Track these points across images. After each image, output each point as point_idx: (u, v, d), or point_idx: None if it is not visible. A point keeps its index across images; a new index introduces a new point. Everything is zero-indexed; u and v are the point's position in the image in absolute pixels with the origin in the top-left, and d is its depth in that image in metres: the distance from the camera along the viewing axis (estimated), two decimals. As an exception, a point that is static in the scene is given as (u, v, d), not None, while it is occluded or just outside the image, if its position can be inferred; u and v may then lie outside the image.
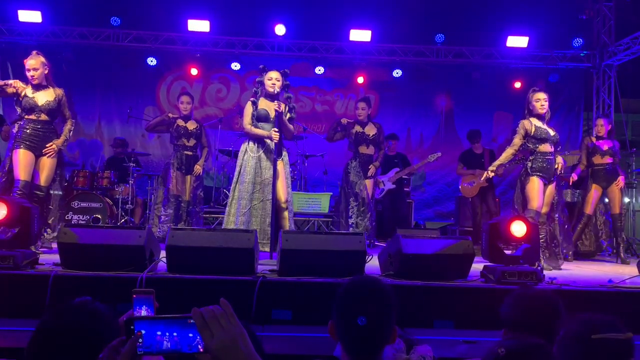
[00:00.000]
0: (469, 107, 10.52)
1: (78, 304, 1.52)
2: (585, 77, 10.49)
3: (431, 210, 10.53)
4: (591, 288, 4.13)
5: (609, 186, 6.62)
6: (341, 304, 1.78)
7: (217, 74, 10.57)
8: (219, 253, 3.94)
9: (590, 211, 6.66)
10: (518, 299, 2.07)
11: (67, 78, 9.91)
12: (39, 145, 5.17)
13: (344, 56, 10.02)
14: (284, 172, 5.43)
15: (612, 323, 1.53)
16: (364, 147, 6.92)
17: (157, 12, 9.58)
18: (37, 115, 5.15)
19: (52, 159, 5.22)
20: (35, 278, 3.79)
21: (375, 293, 1.78)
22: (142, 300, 1.85)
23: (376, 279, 1.93)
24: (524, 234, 4.23)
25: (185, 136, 6.65)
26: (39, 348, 1.41)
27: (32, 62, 5.13)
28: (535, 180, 5.39)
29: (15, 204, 4.13)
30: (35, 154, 5.17)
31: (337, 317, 1.77)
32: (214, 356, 1.22)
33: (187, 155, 6.66)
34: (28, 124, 5.15)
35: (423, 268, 4.06)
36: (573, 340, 1.54)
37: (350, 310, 1.74)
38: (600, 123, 6.74)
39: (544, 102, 5.48)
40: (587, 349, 1.49)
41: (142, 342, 1.30)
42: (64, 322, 1.44)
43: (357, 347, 1.74)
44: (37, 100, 5.14)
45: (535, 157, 5.45)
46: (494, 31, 9.77)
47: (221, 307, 1.26)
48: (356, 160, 6.90)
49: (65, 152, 6.00)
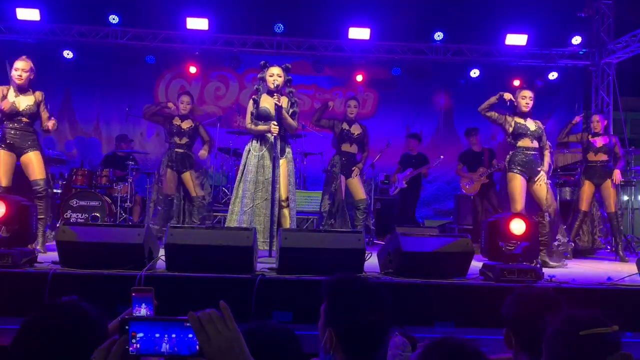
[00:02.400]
0: (468, 105, 10.44)
1: (63, 304, 1.50)
2: (584, 75, 10.49)
3: (430, 208, 10.54)
4: (590, 286, 4.13)
5: (602, 183, 6.62)
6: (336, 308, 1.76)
7: (216, 72, 10.55)
8: (218, 251, 3.93)
9: (585, 207, 6.67)
10: (519, 298, 2.07)
11: (65, 76, 9.95)
12: (19, 145, 5.13)
13: (343, 54, 10.01)
14: (287, 170, 5.41)
15: (597, 317, 1.53)
16: (347, 145, 6.89)
17: (156, 10, 9.56)
18: (19, 118, 5.14)
19: (33, 152, 5.16)
20: (34, 276, 3.79)
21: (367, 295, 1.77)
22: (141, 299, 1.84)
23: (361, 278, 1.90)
24: (523, 231, 4.23)
25: (178, 134, 6.63)
26: (22, 348, 1.39)
27: (22, 64, 5.15)
28: (515, 177, 5.44)
29: (14, 202, 4.12)
30: (15, 153, 5.13)
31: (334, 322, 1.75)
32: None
33: (178, 152, 6.62)
34: (8, 126, 5.13)
35: (422, 266, 4.06)
36: (560, 338, 1.53)
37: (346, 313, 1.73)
38: (596, 119, 6.76)
39: (529, 101, 5.61)
40: (576, 346, 1.49)
41: (140, 344, 1.29)
42: (48, 322, 1.42)
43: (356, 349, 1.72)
44: (18, 105, 5.12)
45: (514, 151, 5.57)
46: (493, 29, 9.76)
47: (218, 311, 1.25)
48: (339, 158, 6.88)
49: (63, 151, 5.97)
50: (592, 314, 1.54)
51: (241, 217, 5.26)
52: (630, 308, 3.80)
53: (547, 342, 1.56)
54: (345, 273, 1.90)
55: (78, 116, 10.31)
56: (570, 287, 4.02)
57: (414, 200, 8.87)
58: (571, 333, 1.49)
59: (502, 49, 9.93)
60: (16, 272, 3.81)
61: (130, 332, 1.30)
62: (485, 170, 7.65)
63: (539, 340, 1.88)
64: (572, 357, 1.49)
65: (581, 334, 1.47)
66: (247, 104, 5.60)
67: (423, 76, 10.30)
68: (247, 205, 5.26)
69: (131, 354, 1.29)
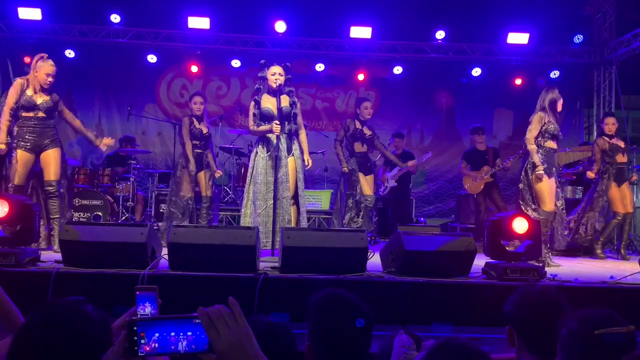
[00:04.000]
0: (470, 103, 10.50)
1: (64, 303, 1.49)
2: (586, 73, 10.48)
3: (432, 207, 10.52)
4: (593, 284, 4.13)
5: (621, 185, 6.57)
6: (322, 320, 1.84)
7: (218, 71, 10.55)
8: (220, 250, 3.94)
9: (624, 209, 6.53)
10: (523, 296, 2.07)
11: (67, 76, 9.92)
12: (39, 143, 5.19)
13: (344, 53, 10.00)
14: (295, 167, 5.40)
15: (612, 317, 1.53)
16: (359, 144, 6.92)
17: (157, 9, 9.58)
18: (35, 112, 5.19)
19: (55, 151, 5.22)
20: (37, 275, 3.80)
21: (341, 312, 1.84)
22: (146, 297, 1.84)
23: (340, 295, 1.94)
24: (525, 230, 4.23)
25: (198, 138, 6.51)
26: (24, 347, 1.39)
27: (54, 69, 5.24)
28: (546, 179, 5.42)
29: (17, 202, 4.12)
30: (35, 152, 5.19)
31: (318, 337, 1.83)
32: (220, 356, 1.21)
33: (197, 153, 6.51)
34: (25, 121, 5.18)
35: (425, 265, 4.06)
36: (576, 338, 1.53)
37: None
38: (612, 122, 6.68)
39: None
40: (592, 346, 1.49)
41: (157, 343, 1.28)
42: (49, 321, 1.41)
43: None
44: (36, 99, 5.20)
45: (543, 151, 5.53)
46: (494, 28, 9.75)
47: (228, 307, 1.25)
48: (354, 159, 6.90)
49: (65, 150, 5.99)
50: (608, 313, 1.54)
51: (255, 219, 5.23)
52: (633, 307, 3.80)
53: (562, 342, 1.56)
54: (330, 290, 1.96)
55: (80, 115, 10.19)
56: (573, 286, 4.02)
57: (407, 198, 8.76)
58: (587, 333, 1.49)
59: (504, 48, 9.92)
60: (20, 271, 3.82)
61: (139, 332, 1.29)
62: (490, 169, 7.63)
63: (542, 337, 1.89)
64: (587, 357, 1.49)
65: (596, 334, 1.47)
66: (249, 104, 5.59)
67: (424, 75, 10.29)
68: (260, 207, 5.24)
69: (141, 354, 1.28)
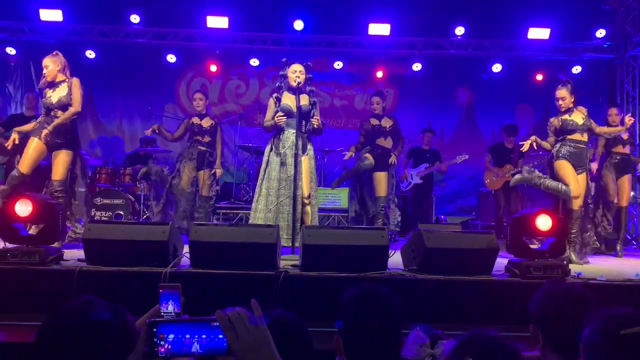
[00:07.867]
0: (490, 100, 10.39)
1: (84, 302, 1.49)
2: (609, 68, 10.28)
3: (453, 204, 10.43)
4: (619, 282, 4.06)
5: (620, 177, 6.48)
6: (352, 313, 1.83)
7: (236, 70, 10.58)
8: (241, 248, 3.95)
9: (624, 203, 6.47)
10: (548, 294, 2.03)
11: (88, 76, 10.00)
12: (52, 141, 5.25)
13: (362, 50, 9.96)
14: (309, 167, 5.40)
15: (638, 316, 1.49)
16: (382, 139, 6.90)
17: (176, 9, 9.62)
18: (54, 113, 5.28)
19: (65, 154, 5.27)
20: (61, 273, 3.84)
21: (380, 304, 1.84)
22: (169, 295, 1.86)
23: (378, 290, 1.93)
24: (549, 227, 4.17)
25: (200, 134, 6.67)
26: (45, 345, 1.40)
27: (45, 61, 5.34)
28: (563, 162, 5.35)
29: (40, 201, 4.17)
30: (48, 146, 5.26)
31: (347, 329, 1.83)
32: (238, 358, 1.21)
33: (200, 150, 6.65)
34: (45, 123, 5.26)
35: (446, 263, 4.02)
36: (601, 337, 1.49)
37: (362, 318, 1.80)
38: (615, 112, 6.60)
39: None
40: (618, 345, 1.45)
41: (171, 345, 1.30)
42: (70, 320, 1.42)
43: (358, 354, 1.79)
44: (52, 99, 5.28)
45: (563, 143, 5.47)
46: (514, 23, 9.61)
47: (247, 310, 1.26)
48: (373, 152, 6.85)
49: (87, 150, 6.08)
50: (634, 312, 1.51)
51: (266, 215, 5.27)
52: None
53: (585, 341, 1.52)
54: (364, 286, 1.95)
55: (101, 116, 10.42)
56: (598, 284, 3.96)
57: (429, 195, 8.66)
58: (612, 332, 1.46)
59: (525, 43, 9.79)
60: (44, 269, 3.86)
61: (158, 334, 1.30)
62: (512, 168, 7.52)
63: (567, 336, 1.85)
64: (612, 357, 1.46)
65: (622, 333, 1.44)
66: (267, 102, 5.60)
67: (444, 71, 10.20)
68: (271, 203, 5.27)
69: (160, 356, 1.30)
